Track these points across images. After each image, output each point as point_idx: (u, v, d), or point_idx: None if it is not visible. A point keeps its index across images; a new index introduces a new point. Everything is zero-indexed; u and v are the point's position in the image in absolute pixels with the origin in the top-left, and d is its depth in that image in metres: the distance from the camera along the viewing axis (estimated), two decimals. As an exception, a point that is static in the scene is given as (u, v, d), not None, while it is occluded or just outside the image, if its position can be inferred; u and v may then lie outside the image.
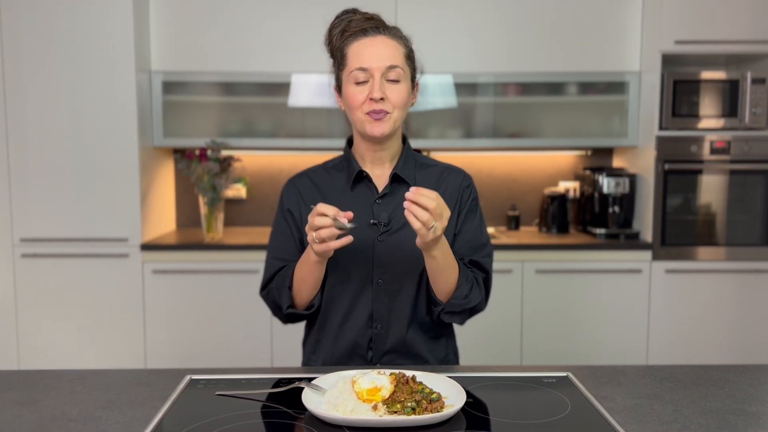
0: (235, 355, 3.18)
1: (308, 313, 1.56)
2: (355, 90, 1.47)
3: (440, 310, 1.51)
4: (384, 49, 1.47)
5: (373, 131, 1.48)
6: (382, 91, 1.45)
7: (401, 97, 1.48)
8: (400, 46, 1.50)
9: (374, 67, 1.45)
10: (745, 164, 3.23)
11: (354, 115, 1.50)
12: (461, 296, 1.48)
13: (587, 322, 3.23)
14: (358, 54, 1.47)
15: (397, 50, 1.48)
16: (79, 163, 3.13)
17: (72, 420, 1.15)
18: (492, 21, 3.33)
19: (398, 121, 1.50)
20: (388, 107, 1.47)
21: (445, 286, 1.47)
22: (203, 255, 3.17)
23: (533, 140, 3.41)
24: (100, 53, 3.09)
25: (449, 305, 1.50)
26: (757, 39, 3.20)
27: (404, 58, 1.49)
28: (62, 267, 3.15)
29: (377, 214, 1.53)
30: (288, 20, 3.30)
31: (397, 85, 1.47)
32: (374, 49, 1.46)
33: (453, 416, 1.14)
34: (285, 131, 3.37)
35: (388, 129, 1.48)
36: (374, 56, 1.46)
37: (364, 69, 1.46)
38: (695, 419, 1.16)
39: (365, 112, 1.47)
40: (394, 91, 1.47)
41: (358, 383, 1.19)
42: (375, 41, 1.47)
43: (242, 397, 1.25)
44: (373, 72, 1.45)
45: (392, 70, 1.46)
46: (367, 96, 1.46)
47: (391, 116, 1.48)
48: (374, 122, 1.47)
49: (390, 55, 1.46)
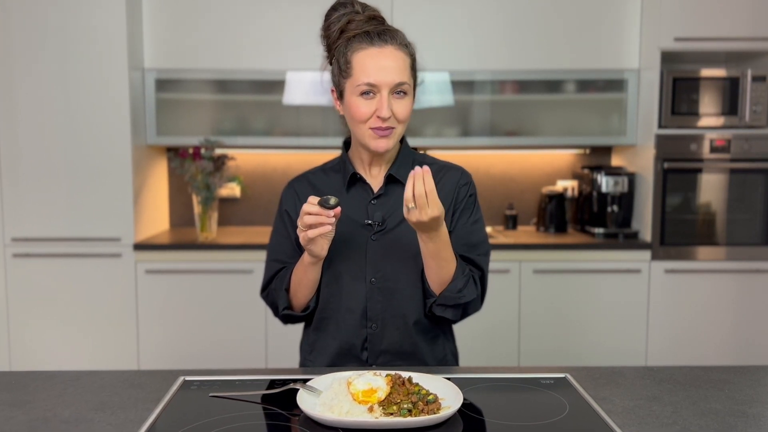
0: (229, 355, 3.17)
1: (304, 315, 1.57)
2: (361, 103, 1.44)
3: (432, 302, 1.51)
4: (392, 63, 1.43)
5: (378, 147, 1.46)
6: (390, 109, 1.43)
7: (407, 111, 1.47)
8: (406, 56, 1.47)
9: (383, 83, 1.42)
10: (746, 163, 3.23)
11: (357, 128, 1.47)
12: (455, 290, 1.47)
13: (585, 322, 3.22)
14: (365, 67, 1.43)
15: (404, 63, 1.45)
16: (71, 161, 3.11)
17: (64, 422, 1.15)
18: (489, 17, 3.32)
19: (401, 134, 1.50)
20: (394, 123, 1.45)
21: (437, 277, 1.47)
22: (197, 255, 3.15)
23: (531, 138, 3.40)
24: (92, 51, 3.07)
25: (442, 297, 1.49)
26: (757, 36, 3.19)
27: (410, 69, 1.48)
28: (54, 267, 3.13)
29: (372, 214, 1.54)
30: (283, 17, 3.28)
31: (404, 99, 1.46)
32: (383, 63, 1.43)
33: (450, 418, 1.14)
34: (280, 129, 3.36)
35: (393, 144, 1.48)
36: (383, 71, 1.42)
37: (371, 84, 1.43)
38: (695, 421, 1.15)
39: (370, 127, 1.45)
40: (400, 106, 1.45)
41: (354, 384, 1.18)
42: (383, 53, 1.44)
43: (236, 399, 1.24)
44: (381, 88, 1.43)
45: (400, 86, 1.44)
46: (374, 112, 1.43)
47: (396, 131, 1.47)
48: (379, 139, 1.46)
49: (398, 70, 1.43)
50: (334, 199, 1.34)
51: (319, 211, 1.34)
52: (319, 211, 1.34)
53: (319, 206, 1.34)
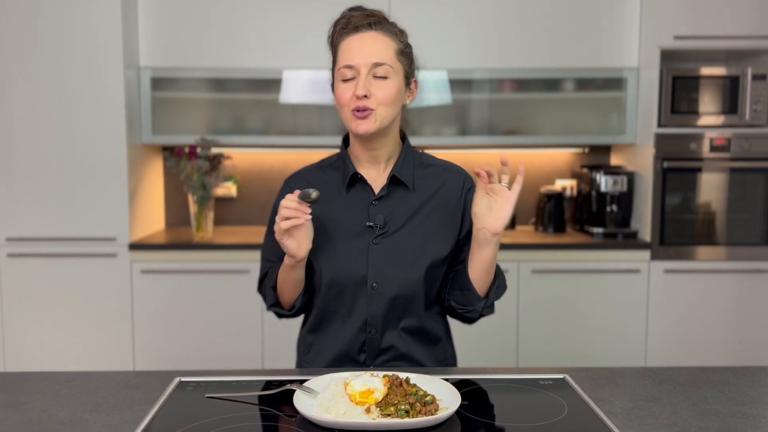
0: (225, 356, 3.16)
1: (290, 313, 1.58)
2: (342, 87, 1.46)
3: (483, 305, 1.51)
4: (372, 45, 1.44)
5: (357, 129, 1.46)
6: (366, 88, 1.43)
7: (388, 94, 1.45)
8: (392, 41, 1.47)
9: (360, 63, 1.43)
10: (746, 162, 3.22)
11: (341, 112, 1.49)
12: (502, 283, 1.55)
13: (584, 323, 3.21)
14: (347, 51, 1.45)
15: (386, 46, 1.46)
16: (67, 161, 3.10)
17: (59, 423, 1.15)
18: (487, 15, 3.31)
19: (386, 119, 1.47)
20: (373, 104, 1.44)
21: (485, 283, 1.49)
22: (193, 255, 3.14)
23: (529, 137, 3.39)
24: (87, 49, 3.06)
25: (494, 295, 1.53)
26: (757, 34, 3.18)
27: (396, 53, 1.47)
28: (49, 267, 3.12)
29: (373, 216, 1.51)
30: (280, 15, 3.27)
31: (384, 81, 1.45)
32: (362, 44, 1.45)
33: (447, 419, 1.13)
34: (276, 128, 3.35)
35: (373, 127, 1.46)
36: (361, 52, 1.44)
37: (350, 66, 1.44)
38: (694, 422, 1.15)
39: (351, 109, 1.45)
40: (380, 88, 1.44)
41: (351, 385, 1.18)
42: (364, 37, 1.45)
43: (232, 400, 1.24)
44: (359, 69, 1.44)
45: (379, 67, 1.44)
46: (353, 93, 1.44)
47: (376, 113, 1.45)
48: (358, 120, 1.45)
49: (377, 51, 1.44)
50: (316, 192, 1.35)
51: (297, 206, 1.35)
52: (297, 205, 1.35)
53: (298, 199, 1.35)
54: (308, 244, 1.42)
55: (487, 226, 1.40)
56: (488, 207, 1.40)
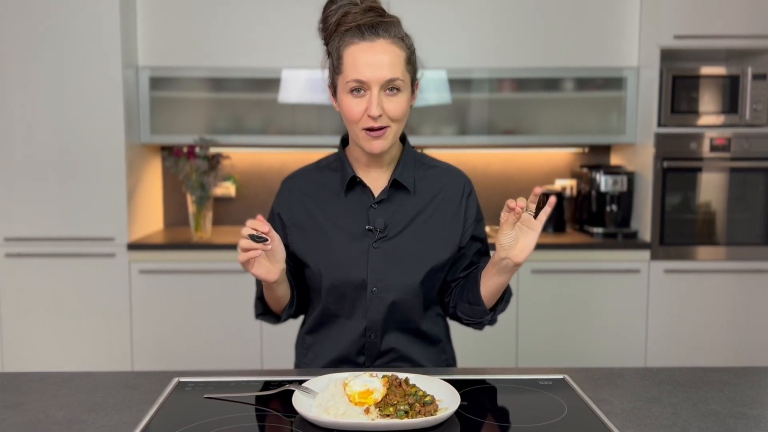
0: (223, 356, 3.15)
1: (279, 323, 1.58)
2: (351, 102, 1.39)
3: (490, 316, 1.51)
4: (383, 58, 1.36)
5: (372, 149, 1.41)
6: (380, 107, 1.36)
7: (400, 109, 1.39)
8: (401, 50, 1.40)
9: (372, 79, 1.36)
10: (746, 162, 3.22)
11: (351, 128, 1.43)
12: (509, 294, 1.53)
13: (584, 323, 3.21)
14: (355, 62, 1.37)
15: (397, 57, 1.38)
16: (65, 160, 3.09)
17: (57, 423, 1.15)
18: (487, 14, 3.30)
19: (398, 133, 1.44)
20: (387, 122, 1.39)
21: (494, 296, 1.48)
22: (191, 255, 3.14)
23: (529, 137, 3.39)
24: (86, 48, 3.06)
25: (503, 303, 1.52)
26: (757, 34, 3.18)
27: (405, 63, 1.40)
28: (47, 267, 3.11)
29: (373, 219, 1.48)
30: (278, 14, 3.26)
31: (397, 96, 1.39)
32: (372, 58, 1.36)
33: (447, 419, 1.13)
34: (275, 128, 3.34)
35: (388, 145, 1.42)
36: (372, 67, 1.36)
37: (360, 81, 1.37)
38: (694, 422, 1.15)
39: (362, 128, 1.40)
40: (393, 104, 1.38)
41: (350, 386, 1.17)
42: (373, 47, 1.37)
43: (231, 400, 1.24)
44: (371, 84, 1.36)
45: (391, 83, 1.37)
46: (365, 111, 1.38)
47: (391, 130, 1.40)
48: (372, 140, 1.40)
49: (389, 65, 1.37)
50: (265, 236, 1.30)
51: (250, 245, 1.29)
52: (250, 245, 1.29)
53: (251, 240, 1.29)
54: (280, 266, 1.36)
55: (511, 257, 1.36)
56: (515, 237, 1.37)
